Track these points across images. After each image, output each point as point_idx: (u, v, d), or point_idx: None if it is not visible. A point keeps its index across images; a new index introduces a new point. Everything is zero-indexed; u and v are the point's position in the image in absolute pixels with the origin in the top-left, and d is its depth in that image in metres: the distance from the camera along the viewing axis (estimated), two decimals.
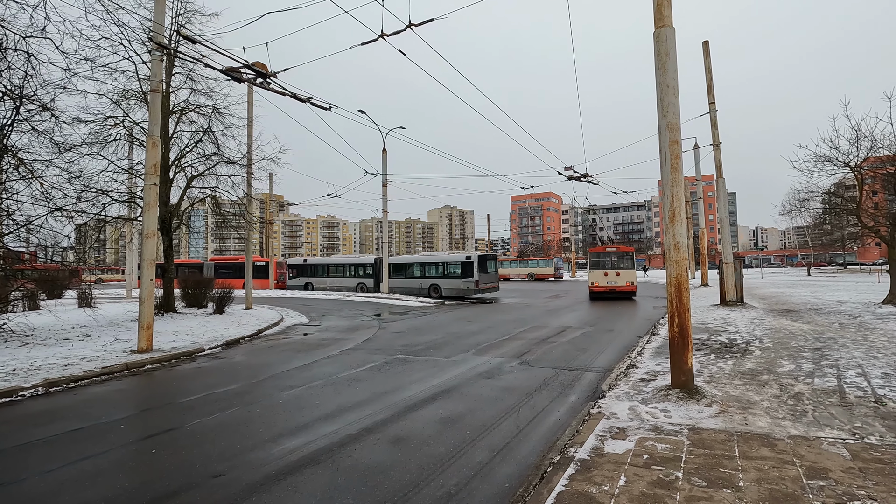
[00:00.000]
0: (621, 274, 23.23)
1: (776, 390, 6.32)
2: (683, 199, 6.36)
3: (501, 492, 3.92)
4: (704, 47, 19.38)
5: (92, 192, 13.96)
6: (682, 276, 6.27)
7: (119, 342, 11.10)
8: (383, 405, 6.36)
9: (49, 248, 12.33)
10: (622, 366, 8.38)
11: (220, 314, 16.97)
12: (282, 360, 9.68)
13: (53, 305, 18.28)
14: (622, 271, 23.26)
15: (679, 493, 3.58)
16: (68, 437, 5.40)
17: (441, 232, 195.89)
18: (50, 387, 7.61)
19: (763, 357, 8.44)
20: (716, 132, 19.36)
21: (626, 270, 23.23)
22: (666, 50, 6.37)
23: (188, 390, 7.46)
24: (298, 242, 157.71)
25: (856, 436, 4.66)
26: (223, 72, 9.67)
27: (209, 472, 4.37)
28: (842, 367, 7.48)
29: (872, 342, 9.42)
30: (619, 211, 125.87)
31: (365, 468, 4.37)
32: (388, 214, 28.37)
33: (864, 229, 17.49)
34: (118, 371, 8.77)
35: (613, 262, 23.70)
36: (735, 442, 4.59)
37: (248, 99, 19.54)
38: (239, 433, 5.39)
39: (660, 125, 6.43)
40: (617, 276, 23.29)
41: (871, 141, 15.52)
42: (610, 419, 5.38)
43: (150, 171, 10.62)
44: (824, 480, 3.72)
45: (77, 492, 4.02)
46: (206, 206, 18.87)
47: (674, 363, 6.28)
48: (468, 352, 10.13)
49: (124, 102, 15.34)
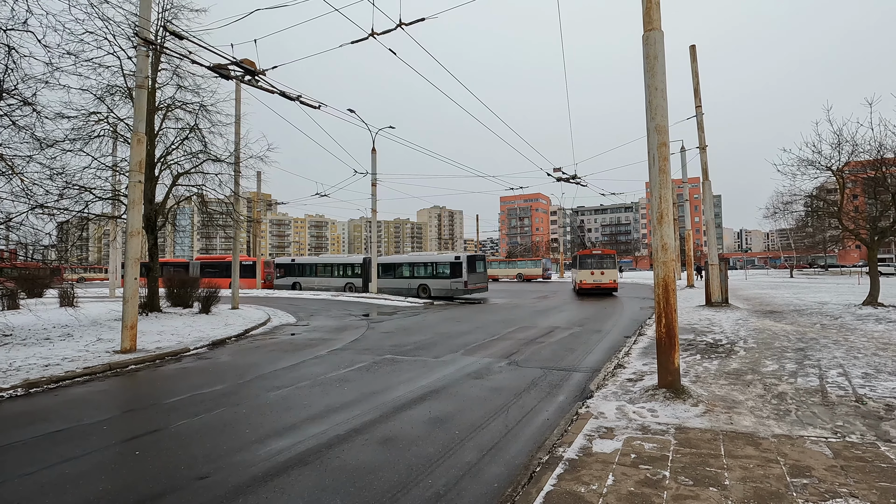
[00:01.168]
0: (605, 273, 26.88)
1: (760, 390, 6.42)
2: (671, 201, 6.43)
3: (490, 492, 3.92)
4: (691, 51, 19.61)
5: (74, 188, 13.69)
6: (670, 276, 6.33)
7: (102, 342, 10.90)
8: (372, 405, 6.33)
9: (29, 245, 12.06)
10: (610, 366, 8.44)
11: (206, 314, 16.76)
12: (269, 361, 9.58)
13: (34, 304, 17.87)
14: (606, 271, 26.95)
15: (666, 492, 3.61)
16: (48, 439, 5.28)
17: (430, 232, 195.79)
18: (30, 387, 7.44)
19: (747, 357, 8.56)
20: (702, 135, 19.61)
21: (609, 270, 26.99)
22: (655, 53, 6.43)
23: (173, 391, 7.34)
24: (286, 242, 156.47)
25: (838, 434, 4.75)
26: (211, 69, 9.54)
27: (194, 473, 4.30)
28: (824, 367, 7.62)
29: (853, 343, 9.61)
30: (606, 212, 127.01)
31: (353, 469, 4.34)
32: (377, 214, 28.27)
33: (845, 232, 17.86)
34: (101, 371, 8.61)
35: (598, 262, 27.34)
36: (721, 441, 4.65)
37: (236, 96, 19.33)
38: (225, 434, 5.32)
39: (648, 127, 6.48)
40: (602, 275, 26.83)
41: (853, 146, 15.86)
42: (598, 419, 5.41)
43: (135, 168, 10.44)
44: (808, 478, 3.78)
45: (58, 495, 3.93)
46: (193, 204, 18.62)
47: (661, 363, 6.34)
48: (457, 352, 10.13)
49: (109, 98, 15.06)
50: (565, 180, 20.93)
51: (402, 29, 9.56)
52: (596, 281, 26.57)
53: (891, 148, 15.43)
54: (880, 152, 15.59)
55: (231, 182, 18.00)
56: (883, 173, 16.03)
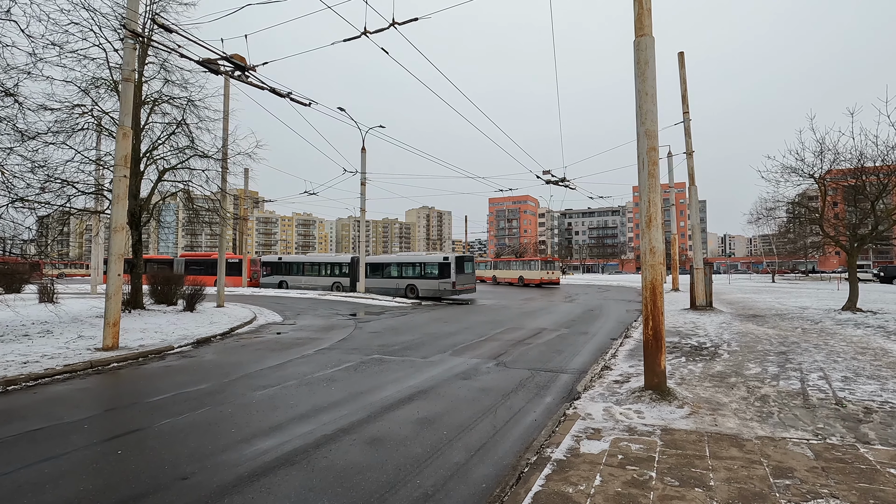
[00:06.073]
0: (552, 273, 43.11)
1: (744, 392, 6.52)
2: (660, 205, 6.50)
3: (478, 492, 3.92)
4: (680, 58, 19.86)
5: (57, 182, 13.38)
6: (657, 279, 6.40)
7: (83, 339, 10.67)
8: (359, 405, 6.29)
9: (8, 240, 11.74)
10: (597, 367, 8.50)
11: (191, 312, 16.51)
12: (255, 360, 9.48)
13: (12, 300, 17.42)
14: (553, 271, 43.59)
15: (653, 493, 3.65)
16: (27, 438, 5.15)
17: (419, 232, 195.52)
18: (7, 385, 7.26)
19: (731, 360, 8.70)
20: (689, 141, 19.87)
21: (556, 271, 44.44)
22: (646, 59, 6.50)
23: (156, 389, 7.22)
24: (273, 240, 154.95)
25: (819, 436, 4.84)
26: (200, 63, 9.40)
27: (178, 473, 4.23)
28: (805, 370, 7.77)
29: (833, 347, 9.81)
30: (594, 216, 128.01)
31: (341, 469, 4.31)
32: (365, 213, 28.15)
33: (826, 238, 18.25)
34: (82, 369, 8.44)
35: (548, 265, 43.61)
36: (706, 442, 4.71)
37: (225, 92, 19.11)
38: (210, 434, 5.24)
39: (638, 132, 6.55)
40: (549, 274, 42.73)
41: (835, 154, 16.21)
42: (585, 420, 5.45)
43: (121, 163, 10.26)
44: (790, 479, 3.85)
45: (36, 494, 3.84)
46: (178, 200, 18.33)
47: (647, 365, 6.41)
48: (445, 352, 10.12)
49: (93, 91, 14.75)
50: (554, 183, 21.05)
51: (396, 28, 9.54)
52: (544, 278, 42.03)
53: (871, 157, 15.81)
54: (861, 161, 15.95)
55: (218, 178, 17.76)
56: (863, 181, 16.42)
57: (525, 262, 46.05)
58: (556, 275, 43.86)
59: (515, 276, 45.64)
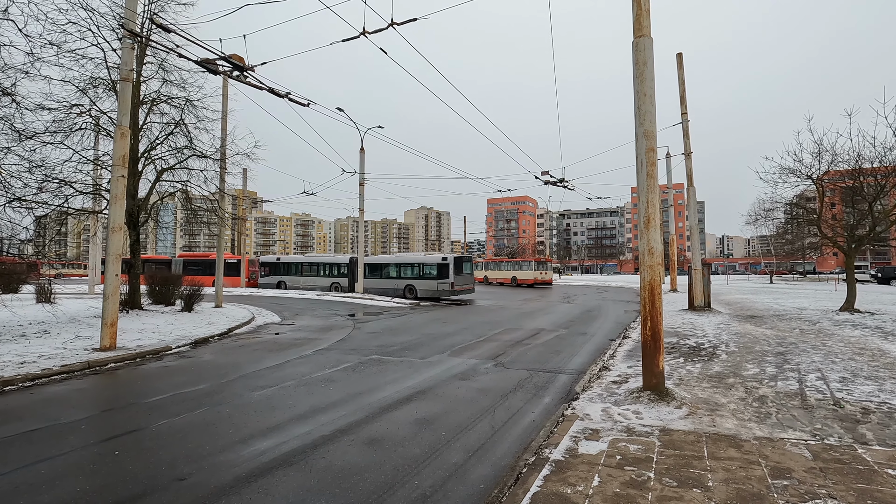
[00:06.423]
0: (545, 273, 43.51)
1: (742, 393, 6.53)
2: (658, 206, 6.50)
3: (477, 493, 3.92)
4: (678, 59, 19.90)
5: (54, 182, 13.32)
6: (656, 280, 6.40)
7: (80, 339, 10.64)
8: (358, 406, 6.28)
9: (6, 240, 11.70)
10: (595, 368, 8.50)
11: (189, 312, 16.47)
12: (253, 360, 9.46)
13: (9, 300, 17.37)
14: (546, 272, 43.80)
15: (651, 493, 3.65)
16: (23, 438, 5.13)
17: (417, 233, 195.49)
18: (4, 385, 7.23)
19: (729, 361, 8.71)
20: (687, 142, 19.92)
21: (549, 271, 44.41)
22: (644, 59, 6.51)
23: (154, 390, 7.20)
24: (272, 240, 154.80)
25: (816, 437, 4.85)
26: (198, 63, 9.39)
27: (175, 474, 4.22)
28: (803, 370, 7.78)
29: (831, 347, 9.83)
30: (592, 216, 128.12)
31: (339, 470, 4.30)
32: (364, 214, 28.13)
33: (824, 239, 18.29)
34: (79, 370, 8.41)
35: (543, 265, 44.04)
36: (704, 443, 4.71)
37: (224, 92, 19.08)
38: (207, 434, 5.23)
39: (637, 132, 6.55)
40: (543, 274, 43.21)
41: (832, 155, 16.25)
42: (583, 420, 5.45)
43: (119, 163, 10.23)
44: (788, 480, 3.85)
45: (32, 495, 3.82)
46: (177, 200, 18.28)
47: (646, 366, 6.41)
48: (443, 353, 10.12)
49: (91, 91, 14.70)
50: (553, 184, 21.05)
51: (394, 28, 9.53)
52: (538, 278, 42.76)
53: (868, 158, 15.85)
54: (858, 162, 16.00)
55: (216, 178, 17.71)
56: (861, 182, 16.46)
57: (518, 263, 46.38)
58: (549, 275, 44.22)
59: (508, 277, 46.01)
